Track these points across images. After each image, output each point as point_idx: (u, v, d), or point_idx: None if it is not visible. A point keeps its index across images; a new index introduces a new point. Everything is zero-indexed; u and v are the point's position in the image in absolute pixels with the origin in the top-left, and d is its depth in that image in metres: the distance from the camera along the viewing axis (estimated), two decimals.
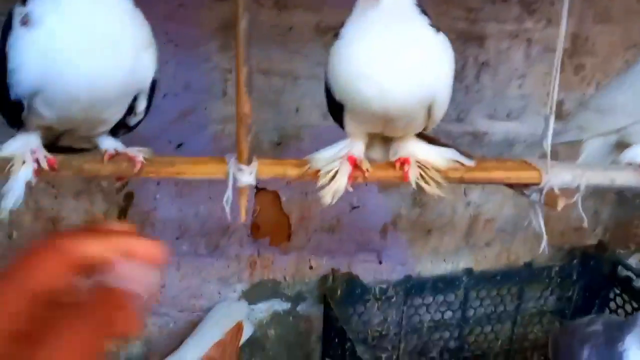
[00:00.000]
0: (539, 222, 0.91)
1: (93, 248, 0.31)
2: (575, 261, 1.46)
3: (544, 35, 1.31)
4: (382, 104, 0.73)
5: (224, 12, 1.12)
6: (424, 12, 0.75)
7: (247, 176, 0.77)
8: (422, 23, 0.75)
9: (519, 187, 0.91)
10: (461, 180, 0.86)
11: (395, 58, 0.72)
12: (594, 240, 1.52)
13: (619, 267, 1.40)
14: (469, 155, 0.85)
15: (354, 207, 1.36)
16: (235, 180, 0.77)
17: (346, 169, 0.78)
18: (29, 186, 0.70)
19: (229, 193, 0.78)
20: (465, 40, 1.27)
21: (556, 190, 0.86)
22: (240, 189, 0.78)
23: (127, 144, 0.87)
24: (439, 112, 0.78)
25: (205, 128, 1.21)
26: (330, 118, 0.86)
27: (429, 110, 0.78)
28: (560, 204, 0.85)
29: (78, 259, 0.31)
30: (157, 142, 1.18)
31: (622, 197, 1.52)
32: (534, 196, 0.89)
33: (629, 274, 1.38)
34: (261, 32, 1.17)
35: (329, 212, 1.34)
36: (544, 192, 0.87)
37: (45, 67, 0.64)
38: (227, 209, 0.78)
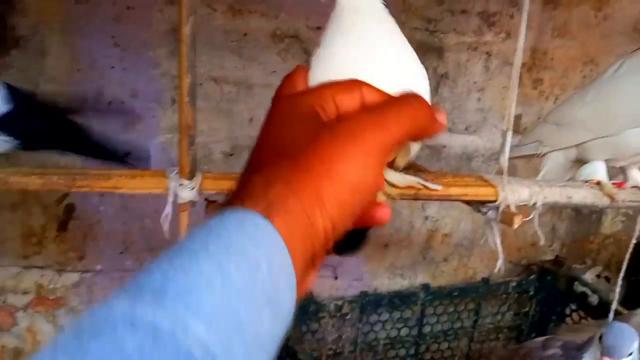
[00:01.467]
0: (495, 240, 0.89)
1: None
2: (532, 277, 1.45)
3: (503, 49, 1.30)
4: None
5: (175, 15, 1.07)
6: None
7: (189, 192, 0.72)
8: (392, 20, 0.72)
9: (476, 204, 0.88)
10: (416, 197, 0.83)
11: (377, 53, 0.69)
12: (551, 255, 1.51)
13: (575, 283, 1.39)
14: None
15: None
16: (176, 195, 0.72)
17: None
18: None
19: (168, 209, 0.72)
20: (424, 51, 1.25)
21: (512, 208, 0.84)
22: (180, 205, 0.73)
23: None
24: None
25: (154, 137, 1.15)
26: None
27: None
28: (516, 222, 0.82)
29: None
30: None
31: (579, 212, 1.52)
32: (490, 213, 0.86)
33: (585, 289, 1.37)
34: (214, 37, 1.13)
35: None
36: (500, 209, 0.84)
37: None
38: (165, 227, 0.72)
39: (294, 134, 0.33)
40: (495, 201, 0.84)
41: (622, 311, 1.16)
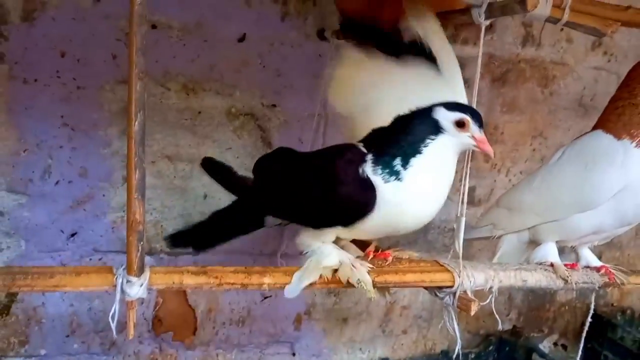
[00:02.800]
0: (454, 326, 0.89)
1: None
2: (491, 348, 1.45)
3: None
4: None
5: (126, 95, 1.06)
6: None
7: (137, 289, 0.69)
8: None
9: (433, 289, 0.87)
10: (372, 285, 0.82)
11: None
12: (508, 324, 1.51)
13: (534, 354, 1.40)
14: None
15: (265, 297, 1.28)
16: (123, 293, 0.69)
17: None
18: None
19: (115, 307, 0.69)
20: None
21: (469, 293, 0.84)
22: (128, 303, 0.69)
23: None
24: None
25: (104, 216, 1.12)
26: None
27: None
28: (473, 309, 0.82)
29: None
30: (46, 233, 1.07)
31: None
32: (447, 299, 0.86)
33: None
34: (167, 116, 1.11)
35: (239, 303, 1.26)
36: (457, 295, 0.84)
37: None
38: (113, 326, 0.69)
39: None
40: (452, 286, 0.84)
41: None
